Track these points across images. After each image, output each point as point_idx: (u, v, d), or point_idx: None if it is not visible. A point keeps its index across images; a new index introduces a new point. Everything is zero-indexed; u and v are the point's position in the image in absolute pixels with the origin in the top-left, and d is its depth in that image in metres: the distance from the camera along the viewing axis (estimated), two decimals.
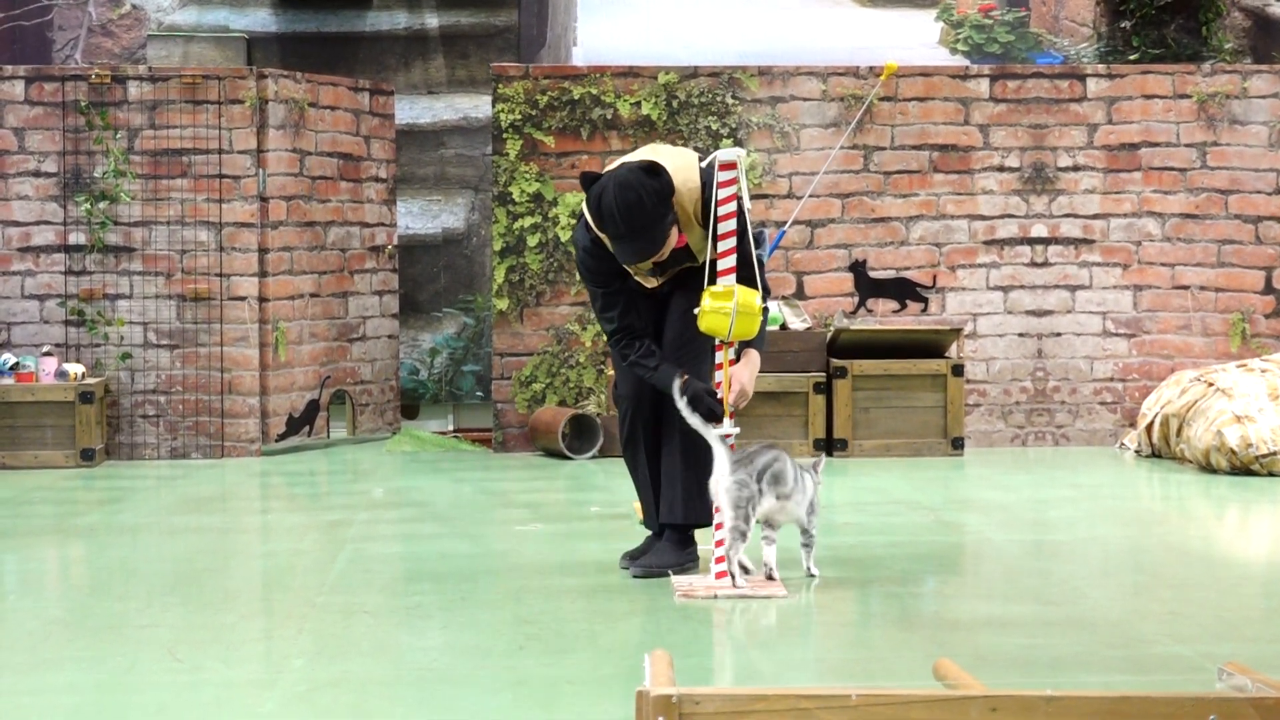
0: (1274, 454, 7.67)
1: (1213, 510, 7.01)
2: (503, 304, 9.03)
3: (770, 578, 4.98)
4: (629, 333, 5.20)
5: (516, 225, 9.03)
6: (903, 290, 9.17)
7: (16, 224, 8.91)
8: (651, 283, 5.24)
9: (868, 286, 9.17)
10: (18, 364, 8.61)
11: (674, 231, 5.01)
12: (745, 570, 4.96)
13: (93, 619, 4.70)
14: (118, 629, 4.54)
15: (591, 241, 5.13)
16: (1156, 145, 9.22)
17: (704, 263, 5.14)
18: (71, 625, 4.63)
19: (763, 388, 8.51)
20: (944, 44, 10.54)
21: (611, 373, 8.39)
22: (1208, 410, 7.99)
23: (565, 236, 8.98)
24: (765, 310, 5.04)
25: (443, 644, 4.33)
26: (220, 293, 8.89)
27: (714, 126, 9.08)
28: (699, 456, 5.23)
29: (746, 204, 4.97)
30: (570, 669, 4.01)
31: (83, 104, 8.88)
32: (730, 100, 9.12)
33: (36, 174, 8.92)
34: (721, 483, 4.83)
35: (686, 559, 5.27)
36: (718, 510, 4.89)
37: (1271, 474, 7.68)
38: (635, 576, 5.22)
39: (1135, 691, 2.59)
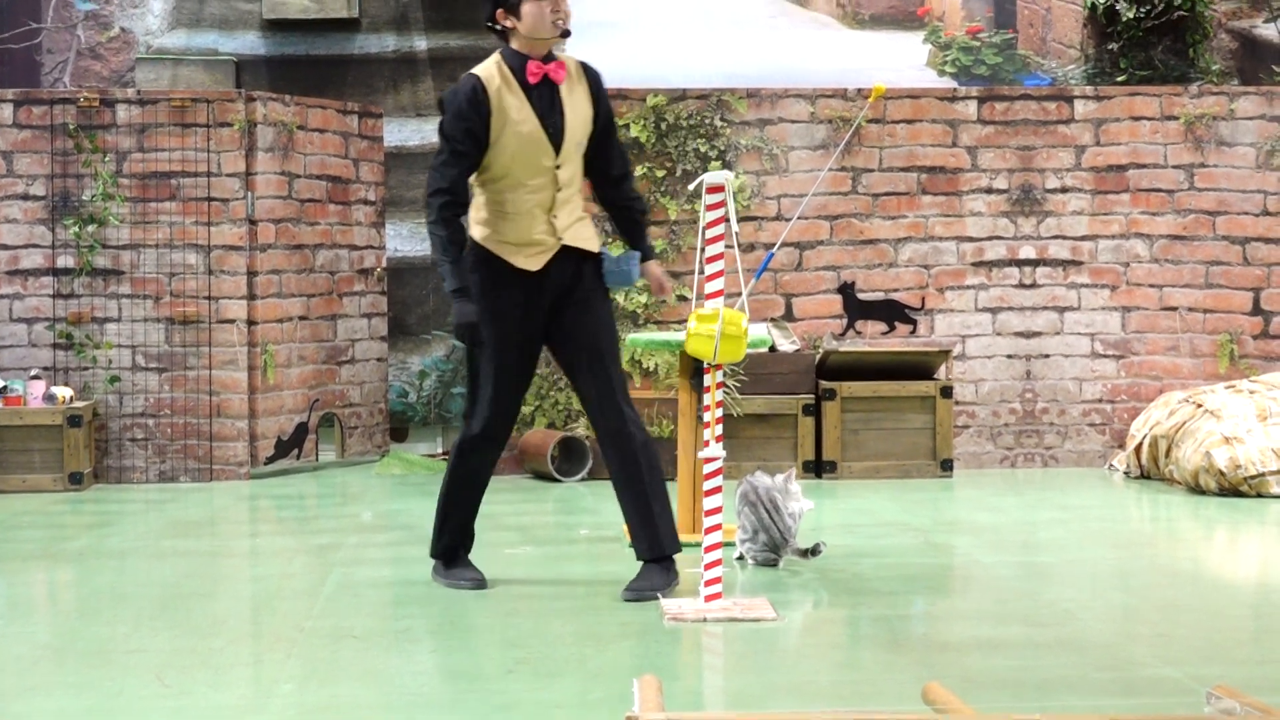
0: (1263, 475, 7.68)
1: (1202, 532, 7.01)
2: None
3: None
4: (456, 203, 5.29)
5: None
6: (891, 312, 9.18)
7: (4, 247, 8.90)
8: (539, 251, 5.27)
9: (856, 308, 9.18)
10: (6, 387, 8.59)
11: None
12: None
13: (81, 644, 4.69)
14: (106, 654, 4.53)
15: (473, 89, 5.23)
16: (1144, 167, 9.24)
17: (599, 250, 5.34)
18: (59, 650, 4.62)
19: (752, 409, 8.52)
20: (931, 66, 10.56)
21: None
22: (1196, 431, 8.00)
23: None
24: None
25: (432, 668, 4.32)
26: (209, 316, 8.88)
27: (703, 149, 9.09)
28: (657, 485, 5.29)
29: (734, 226, 4.98)
30: (560, 693, 4.00)
31: (71, 127, 8.87)
32: (719, 122, 9.13)
33: (25, 197, 8.91)
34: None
35: (675, 579, 5.29)
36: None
37: (1260, 495, 7.69)
38: (625, 600, 5.22)
39: (1124, 715, 2.60)
